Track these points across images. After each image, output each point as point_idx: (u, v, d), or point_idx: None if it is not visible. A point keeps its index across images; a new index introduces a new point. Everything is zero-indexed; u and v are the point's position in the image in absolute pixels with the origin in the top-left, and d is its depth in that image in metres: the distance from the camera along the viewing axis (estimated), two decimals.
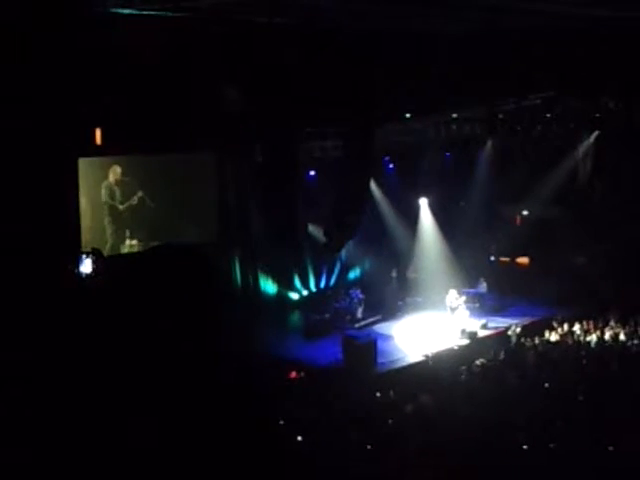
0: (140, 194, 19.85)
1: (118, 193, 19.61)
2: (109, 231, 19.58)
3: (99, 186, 19.53)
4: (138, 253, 19.49)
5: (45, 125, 15.50)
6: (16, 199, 15.86)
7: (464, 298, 23.22)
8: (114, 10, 13.25)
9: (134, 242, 19.85)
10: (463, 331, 21.72)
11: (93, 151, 17.73)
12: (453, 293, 23.27)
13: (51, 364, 16.01)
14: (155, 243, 19.79)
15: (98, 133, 17.09)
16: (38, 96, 15.05)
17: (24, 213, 15.97)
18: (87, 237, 18.50)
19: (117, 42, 14.10)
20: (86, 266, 16.74)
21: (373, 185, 23.31)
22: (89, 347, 16.43)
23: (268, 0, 13.04)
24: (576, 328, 21.28)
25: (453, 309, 23.00)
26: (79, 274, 16.72)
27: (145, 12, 13.47)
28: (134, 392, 15.74)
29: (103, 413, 14.79)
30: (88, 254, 16.92)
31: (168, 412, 14.97)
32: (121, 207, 19.71)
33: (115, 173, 19.68)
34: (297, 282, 24.89)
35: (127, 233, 19.82)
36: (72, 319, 16.56)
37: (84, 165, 18.47)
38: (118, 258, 18.99)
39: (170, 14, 13.72)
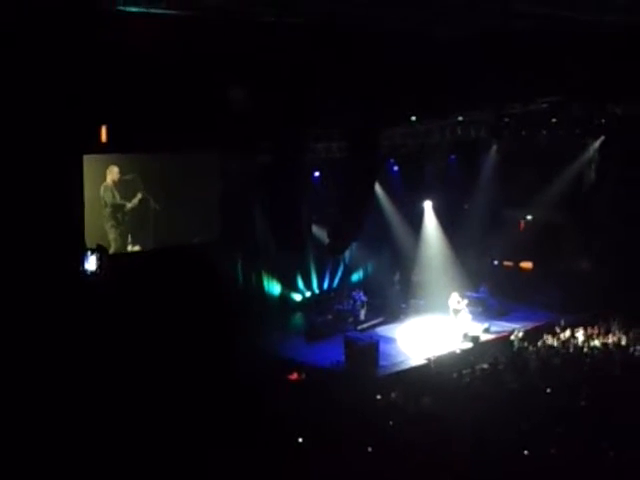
0: (140, 195, 19.50)
1: (118, 195, 19.28)
2: (112, 235, 19.10)
3: (97, 186, 18.87)
4: (143, 252, 19.46)
5: (50, 122, 15.51)
6: (21, 196, 15.89)
7: (466, 301, 23.18)
8: (121, 8, 13.22)
9: (136, 248, 19.57)
10: (465, 335, 21.69)
11: (98, 148, 17.69)
12: (455, 296, 23.23)
13: (56, 359, 16.07)
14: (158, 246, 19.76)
15: (103, 130, 17.07)
16: (44, 93, 15.07)
17: (29, 210, 15.99)
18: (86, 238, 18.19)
19: (123, 40, 14.07)
20: (91, 263, 16.70)
21: (377, 187, 23.26)
22: (93, 342, 16.48)
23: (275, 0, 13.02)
24: (579, 334, 21.24)
25: (456, 312, 22.97)
26: (84, 271, 16.69)
27: (152, 10, 13.44)
28: (136, 387, 15.79)
29: (108, 405, 14.81)
30: (93, 251, 16.88)
31: (169, 408, 14.99)
32: (124, 208, 19.36)
33: (113, 173, 19.07)
34: (300, 283, 24.88)
35: (129, 239, 19.52)
36: (77, 315, 16.63)
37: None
38: (123, 256, 18.93)
39: (177, 12, 13.69)
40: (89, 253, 16.88)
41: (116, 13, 13.28)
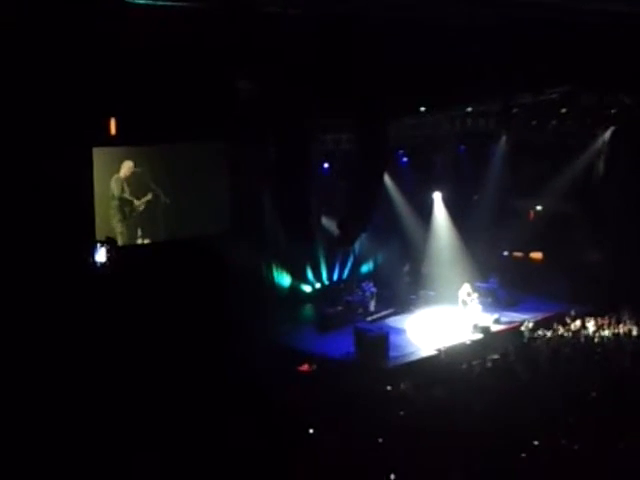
0: (150, 196, 19.50)
1: (128, 190, 19.31)
2: (118, 229, 19.14)
3: (107, 179, 19.05)
4: (152, 244, 19.50)
5: (60, 114, 15.54)
6: (31, 188, 15.94)
7: (477, 294, 23.16)
8: (130, 0, 13.24)
9: (146, 242, 19.64)
10: (476, 326, 21.68)
11: (107, 141, 17.72)
12: (466, 287, 23.21)
13: (66, 349, 16.14)
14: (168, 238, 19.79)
15: (112, 123, 17.10)
16: (53, 86, 15.10)
17: (39, 202, 16.05)
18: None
19: (131, 32, 14.09)
20: (100, 255, 16.79)
21: (387, 178, 23.23)
22: (103, 333, 16.54)
23: None
24: (589, 324, 21.20)
25: (466, 303, 22.96)
26: (94, 263, 16.77)
27: (159, 2, 13.45)
28: (146, 378, 15.83)
29: (118, 396, 14.86)
30: (103, 243, 16.97)
31: (180, 399, 15.03)
32: (133, 204, 19.41)
33: (127, 168, 19.23)
34: (310, 275, 24.90)
35: (139, 232, 19.58)
36: (87, 306, 16.70)
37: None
38: (132, 248, 18.97)
39: (183, 4, 13.70)
40: (98, 245, 16.97)
41: (123, 5, 13.30)
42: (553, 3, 13.68)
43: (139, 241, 19.59)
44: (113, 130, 17.22)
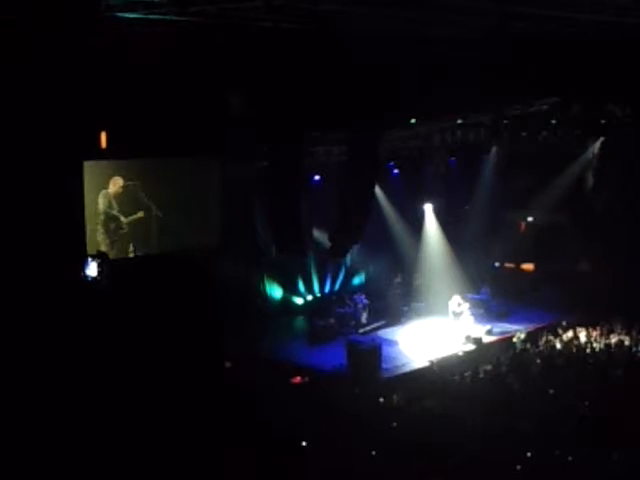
0: (144, 209, 19.41)
1: (116, 206, 19.14)
2: (103, 245, 18.83)
3: (95, 194, 18.59)
4: (143, 257, 19.44)
5: (50, 128, 15.50)
6: (22, 202, 15.87)
7: (467, 304, 23.20)
8: (119, 14, 13.24)
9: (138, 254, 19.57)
10: (468, 337, 21.68)
11: (98, 154, 17.68)
12: (457, 298, 23.25)
13: (57, 364, 16.03)
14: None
15: (103, 136, 17.07)
16: (43, 99, 15.07)
17: (30, 216, 15.97)
18: None
19: (122, 45, 14.10)
20: (92, 269, 16.74)
21: (378, 190, 23.25)
22: (94, 348, 16.45)
23: (275, 6, 13.00)
24: (581, 334, 21.23)
25: (456, 314, 22.99)
26: (85, 277, 16.73)
27: (150, 16, 13.47)
28: (136, 391, 15.75)
29: (110, 410, 14.76)
30: (94, 257, 16.92)
31: (171, 413, 14.96)
32: (119, 221, 19.19)
33: (116, 184, 18.89)
34: (301, 287, 24.90)
35: (130, 247, 19.47)
36: (78, 321, 16.61)
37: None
38: (124, 262, 18.91)
39: (175, 18, 13.71)
40: (90, 259, 16.93)
41: (114, 19, 13.31)
42: (544, 14, 13.72)
43: (131, 255, 19.49)
44: (104, 144, 17.19)
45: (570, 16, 13.82)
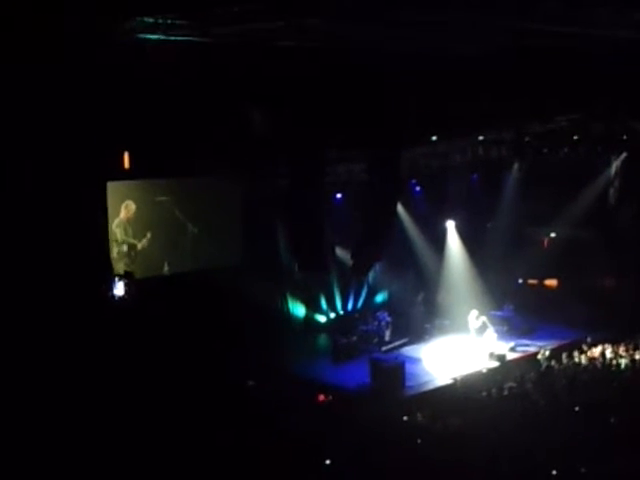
0: (149, 235, 19.66)
1: (131, 231, 19.28)
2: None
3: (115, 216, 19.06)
4: (168, 277, 19.58)
5: (75, 149, 15.68)
6: (48, 223, 16.05)
7: (485, 317, 23.12)
8: (140, 36, 13.40)
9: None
10: (491, 354, 21.59)
11: (121, 174, 17.85)
12: (474, 313, 23.20)
13: (85, 380, 16.13)
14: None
15: (126, 157, 17.23)
16: (67, 121, 15.25)
17: (56, 237, 16.15)
18: None
19: (143, 67, 14.24)
20: (119, 289, 16.95)
21: (400, 208, 23.26)
22: (122, 366, 16.56)
23: (297, 26, 13.10)
24: (607, 351, 21.07)
25: (476, 330, 22.93)
26: (112, 296, 16.91)
27: (171, 38, 13.61)
28: (160, 408, 15.77)
29: (134, 426, 14.81)
30: (121, 277, 17.12)
31: (196, 430, 14.97)
32: (136, 247, 19.27)
33: (128, 210, 19.26)
34: (324, 305, 24.90)
35: (165, 266, 19.66)
36: (105, 340, 16.75)
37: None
38: (150, 281, 19.04)
39: (197, 39, 13.85)
40: (117, 279, 17.12)
41: (136, 41, 13.46)
42: (562, 31, 13.74)
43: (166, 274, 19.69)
44: (127, 164, 17.36)
45: (589, 32, 13.83)
